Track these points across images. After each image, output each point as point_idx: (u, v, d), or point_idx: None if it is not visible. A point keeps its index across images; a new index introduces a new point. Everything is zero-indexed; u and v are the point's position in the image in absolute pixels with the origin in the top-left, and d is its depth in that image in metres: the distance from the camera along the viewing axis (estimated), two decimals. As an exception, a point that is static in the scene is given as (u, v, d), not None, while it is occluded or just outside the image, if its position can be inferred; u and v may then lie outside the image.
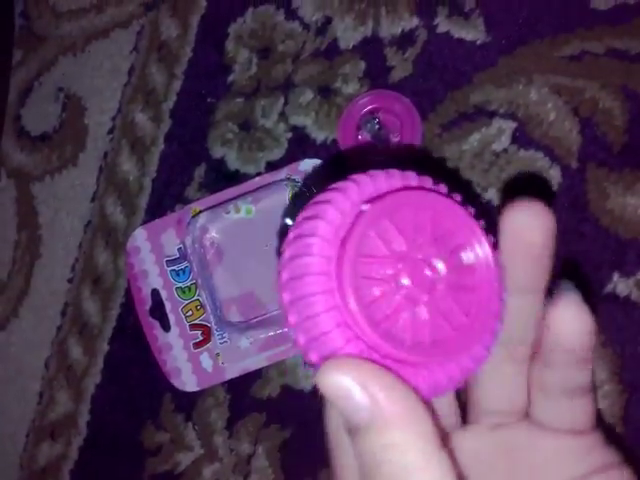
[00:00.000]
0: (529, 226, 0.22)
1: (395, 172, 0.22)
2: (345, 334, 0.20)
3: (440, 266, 0.21)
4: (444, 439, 0.22)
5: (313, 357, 0.21)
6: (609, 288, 0.36)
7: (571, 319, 0.22)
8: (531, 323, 0.24)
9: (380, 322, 0.20)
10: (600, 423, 0.26)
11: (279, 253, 0.22)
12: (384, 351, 0.20)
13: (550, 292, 0.23)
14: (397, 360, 0.21)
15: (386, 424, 0.20)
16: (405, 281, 0.21)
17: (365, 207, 0.21)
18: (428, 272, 0.21)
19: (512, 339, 0.24)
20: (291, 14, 0.45)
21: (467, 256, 0.21)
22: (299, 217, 0.22)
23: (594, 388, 0.25)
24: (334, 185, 0.22)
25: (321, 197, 0.22)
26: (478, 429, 0.27)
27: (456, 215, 0.21)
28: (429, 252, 0.21)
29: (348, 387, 0.20)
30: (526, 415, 0.26)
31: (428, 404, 0.22)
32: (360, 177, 0.22)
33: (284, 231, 0.43)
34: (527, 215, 0.22)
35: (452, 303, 0.21)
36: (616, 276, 0.36)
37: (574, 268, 0.37)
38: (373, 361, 0.20)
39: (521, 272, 0.23)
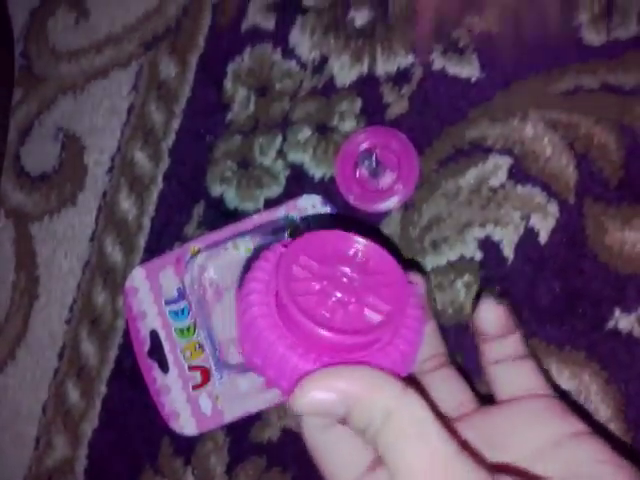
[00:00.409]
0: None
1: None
2: (296, 352, 0.26)
3: (354, 275, 0.28)
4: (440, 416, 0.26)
5: (283, 385, 0.27)
6: (611, 324, 0.37)
7: (484, 313, 0.32)
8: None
9: (324, 323, 0.26)
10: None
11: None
12: (336, 347, 0.26)
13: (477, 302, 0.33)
14: (350, 350, 0.27)
15: (358, 402, 0.25)
16: (332, 290, 0.28)
17: (283, 249, 0.29)
18: (346, 280, 0.28)
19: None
20: (288, 53, 0.47)
21: (371, 262, 0.29)
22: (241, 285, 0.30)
23: (534, 357, 0.33)
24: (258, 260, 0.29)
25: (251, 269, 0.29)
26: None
27: (349, 240, 0.29)
28: (341, 268, 0.29)
29: (316, 398, 0.25)
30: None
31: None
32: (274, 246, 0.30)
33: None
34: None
35: (374, 298, 0.28)
36: (617, 312, 0.37)
37: (575, 304, 0.38)
38: (327, 362, 0.26)
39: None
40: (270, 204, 0.46)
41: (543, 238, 0.39)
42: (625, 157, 0.37)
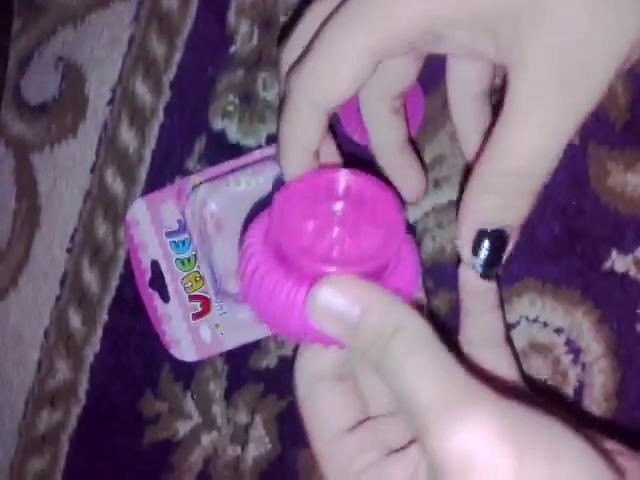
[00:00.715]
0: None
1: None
2: (302, 288, 0.25)
3: (348, 208, 0.28)
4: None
5: (291, 328, 0.26)
6: (607, 265, 0.36)
7: (470, 272, 0.28)
8: None
9: (324, 259, 0.26)
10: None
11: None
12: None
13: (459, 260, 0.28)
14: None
15: (372, 308, 0.24)
16: (327, 227, 0.27)
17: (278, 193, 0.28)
18: (340, 215, 0.28)
19: None
20: (293, -14, 0.44)
21: (363, 194, 0.28)
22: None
23: (511, 342, 0.32)
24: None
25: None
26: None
27: (339, 175, 0.28)
28: (334, 204, 0.28)
29: (331, 301, 0.24)
30: None
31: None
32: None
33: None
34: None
35: (369, 227, 0.27)
36: (614, 253, 0.36)
37: (573, 244, 0.36)
38: None
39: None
40: (272, 140, 0.44)
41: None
42: (632, 101, 0.36)
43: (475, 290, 0.29)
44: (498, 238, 0.26)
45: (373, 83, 0.28)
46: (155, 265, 0.44)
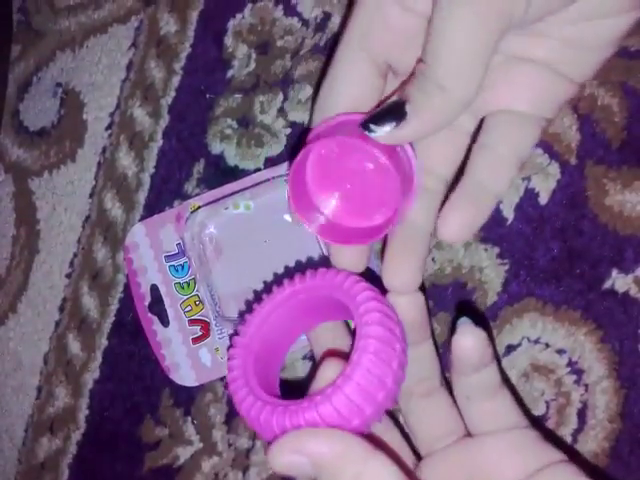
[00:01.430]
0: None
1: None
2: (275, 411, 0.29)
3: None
4: (409, 473, 0.27)
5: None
6: (608, 284, 0.36)
7: (464, 341, 0.28)
8: (430, 363, 0.32)
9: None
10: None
11: None
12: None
13: (453, 327, 0.29)
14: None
15: (328, 464, 0.25)
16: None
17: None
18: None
19: (419, 378, 0.32)
20: (290, 10, 0.44)
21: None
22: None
23: (509, 386, 0.31)
24: None
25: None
26: (430, 461, 0.31)
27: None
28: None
29: (287, 460, 0.26)
30: (467, 434, 0.31)
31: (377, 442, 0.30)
32: None
33: (284, 227, 0.42)
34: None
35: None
36: (615, 272, 0.36)
37: (573, 264, 0.36)
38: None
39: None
40: (271, 163, 0.44)
41: (543, 199, 0.37)
42: (628, 119, 0.36)
43: (470, 361, 0.29)
44: (398, 109, 0.27)
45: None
46: (154, 289, 0.44)
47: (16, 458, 0.50)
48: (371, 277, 0.31)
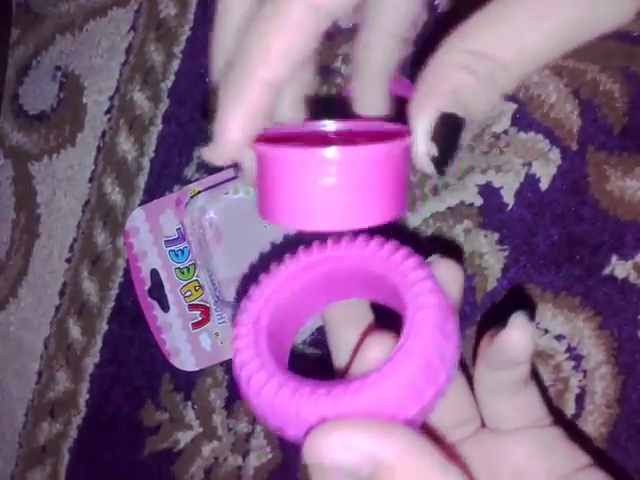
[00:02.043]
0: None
1: None
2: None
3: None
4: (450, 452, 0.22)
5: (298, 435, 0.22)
6: (607, 270, 0.36)
7: (516, 336, 0.24)
8: None
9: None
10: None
11: None
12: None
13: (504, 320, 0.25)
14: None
15: (390, 467, 0.19)
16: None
17: None
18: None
19: None
20: (291, -7, 0.44)
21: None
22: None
23: (537, 382, 0.28)
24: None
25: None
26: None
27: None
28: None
29: (334, 457, 0.20)
30: (482, 427, 0.28)
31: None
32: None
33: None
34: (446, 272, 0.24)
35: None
36: (614, 258, 0.36)
37: (573, 250, 0.37)
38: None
39: None
40: (271, 147, 0.44)
41: (544, 185, 0.37)
42: (630, 105, 0.36)
43: (515, 357, 0.25)
44: (457, 126, 0.21)
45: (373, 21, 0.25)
46: (154, 274, 0.45)
47: (17, 442, 0.51)
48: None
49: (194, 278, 0.44)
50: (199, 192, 0.44)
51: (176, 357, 0.44)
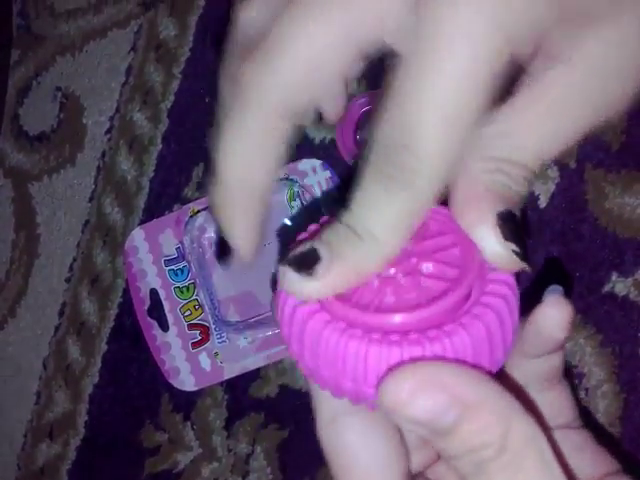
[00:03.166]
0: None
1: None
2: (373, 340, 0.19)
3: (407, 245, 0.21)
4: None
5: (368, 390, 0.20)
6: (607, 288, 0.36)
7: (554, 314, 0.23)
8: None
9: (370, 306, 0.20)
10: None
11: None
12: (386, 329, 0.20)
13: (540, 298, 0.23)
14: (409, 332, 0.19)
15: (475, 416, 0.18)
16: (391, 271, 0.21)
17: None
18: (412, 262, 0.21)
19: None
20: (289, 14, 0.44)
21: (428, 225, 0.21)
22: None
23: (571, 381, 0.27)
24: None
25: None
26: None
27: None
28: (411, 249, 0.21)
29: (417, 402, 0.18)
30: None
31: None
32: None
33: (283, 231, 0.42)
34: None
35: (434, 265, 0.21)
36: (614, 276, 0.36)
37: (572, 268, 0.37)
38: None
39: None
40: (270, 166, 0.44)
41: (543, 202, 0.37)
42: (627, 123, 0.36)
43: (552, 338, 0.23)
44: (512, 217, 0.20)
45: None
46: (154, 294, 0.44)
47: (15, 463, 0.50)
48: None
49: (193, 297, 0.44)
50: (198, 211, 0.44)
51: (176, 377, 0.44)
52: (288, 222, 0.42)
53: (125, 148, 0.48)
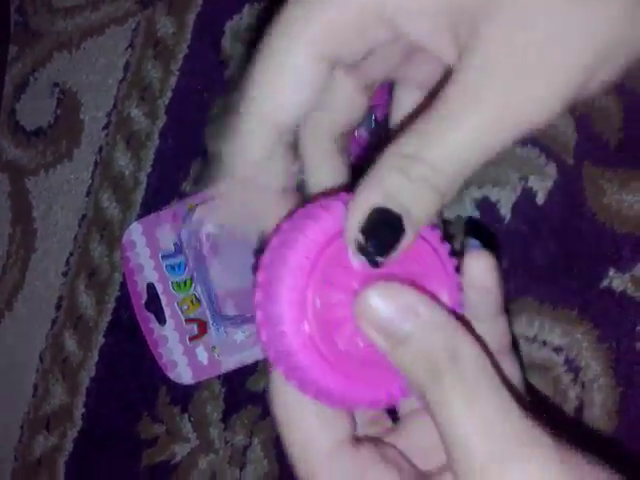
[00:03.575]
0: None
1: None
2: (310, 355, 0.21)
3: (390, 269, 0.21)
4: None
5: (281, 369, 0.22)
6: (605, 283, 0.35)
7: (477, 263, 0.23)
8: None
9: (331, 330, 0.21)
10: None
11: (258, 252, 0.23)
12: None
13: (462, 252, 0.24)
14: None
15: (427, 324, 0.20)
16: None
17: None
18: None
19: None
20: (288, 11, 0.43)
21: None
22: (272, 244, 0.22)
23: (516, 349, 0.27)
24: (314, 206, 0.22)
25: (291, 225, 0.22)
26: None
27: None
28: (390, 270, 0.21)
29: (378, 309, 0.20)
30: None
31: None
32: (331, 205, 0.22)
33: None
34: (481, 266, 0.23)
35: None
36: (612, 271, 0.34)
37: (570, 263, 0.35)
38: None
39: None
40: (268, 162, 0.42)
41: (541, 199, 0.36)
42: (625, 120, 0.35)
43: (479, 286, 0.24)
44: (393, 224, 0.21)
45: (311, 119, 0.24)
46: (151, 288, 0.43)
47: (12, 455, 0.48)
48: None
49: (191, 292, 0.42)
50: (196, 206, 0.42)
51: (173, 370, 0.42)
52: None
53: (122, 143, 0.46)
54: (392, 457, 0.24)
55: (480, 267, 0.23)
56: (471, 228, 0.37)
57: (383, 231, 0.20)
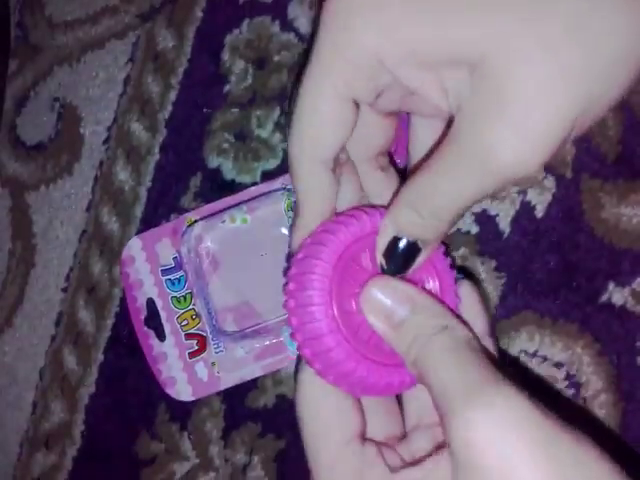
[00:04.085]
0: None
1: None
2: (335, 337, 0.26)
3: None
4: None
5: (307, 353, 0.26)
6: (604, 298, 0.35)
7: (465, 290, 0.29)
8: None
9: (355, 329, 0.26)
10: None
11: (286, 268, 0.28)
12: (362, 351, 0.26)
13: None
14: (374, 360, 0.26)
15: (421, 307, 0.26)
16: None
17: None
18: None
19: None
20: (286, 25, 0.44)
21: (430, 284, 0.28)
22: (305, 244, 0.28)
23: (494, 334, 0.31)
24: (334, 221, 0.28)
25: (324, 228, 0.28)
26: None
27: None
28: None
29: (381, 299, 0.26)
30: None
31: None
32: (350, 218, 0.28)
33: (281, 240, 0.42)
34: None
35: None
36: (611, 285, 0.35)
37: (570, 277, 0.36)
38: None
39: None
40: (267, 177, 0.43)
41: (539, 212, 0.37)
42: (623, 133, 0.36)
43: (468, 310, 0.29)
44: (410, 249, 0.27)
45: (352, 144, 0.29)
46: (151, 303, 0.44)
47: (11, 474, 0.49)
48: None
49: (190, 307, 0.43)
50: (196, 221, 0.43)
51: (172, 387, 0.43)
52: (285, 231, 0.42)
53: (123, 158, 0.48)
54: (392, 460, 0.27)
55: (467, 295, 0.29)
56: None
57: (398, 257, 0.27)
